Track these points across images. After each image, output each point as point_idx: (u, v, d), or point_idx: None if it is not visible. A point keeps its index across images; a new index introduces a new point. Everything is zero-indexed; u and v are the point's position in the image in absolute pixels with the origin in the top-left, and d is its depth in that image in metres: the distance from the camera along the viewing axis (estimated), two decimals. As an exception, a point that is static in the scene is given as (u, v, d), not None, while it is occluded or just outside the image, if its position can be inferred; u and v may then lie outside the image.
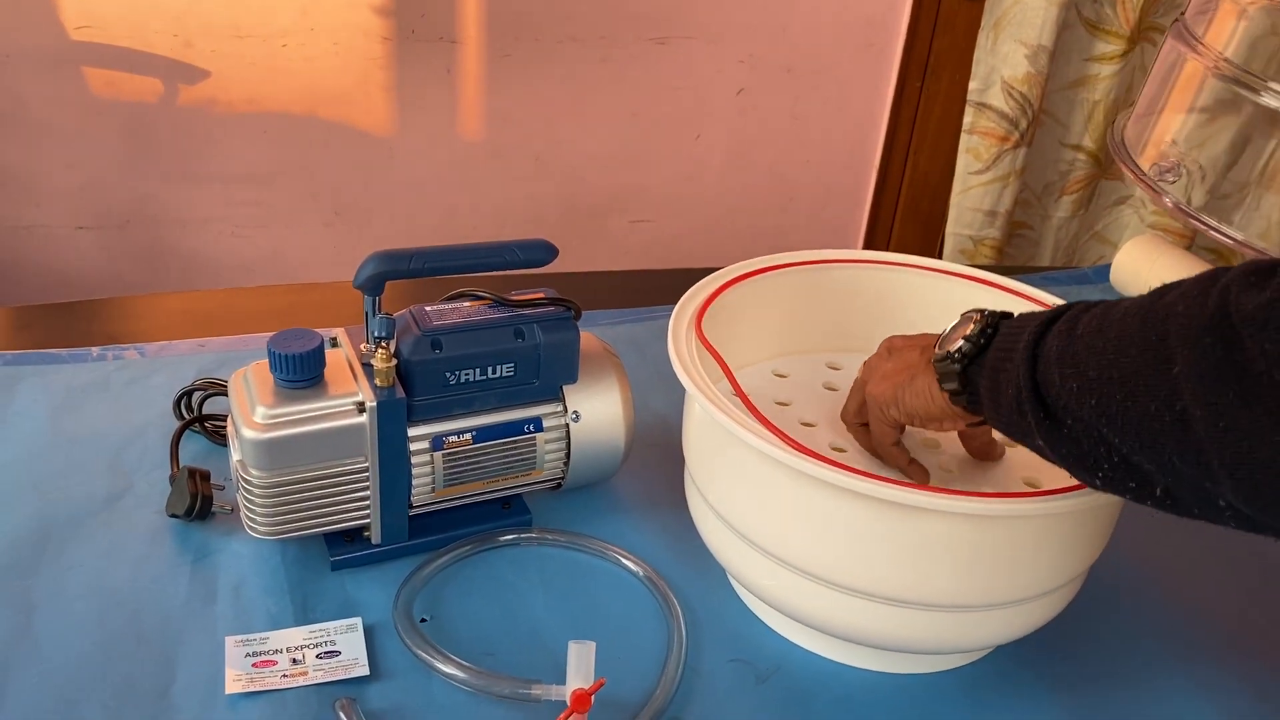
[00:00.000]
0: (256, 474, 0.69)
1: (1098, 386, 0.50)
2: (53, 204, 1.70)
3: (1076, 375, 0.52)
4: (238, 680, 0.66)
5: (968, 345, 0.61)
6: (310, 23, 1.64)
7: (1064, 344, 0.54)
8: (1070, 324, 0.54)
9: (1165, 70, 0.96)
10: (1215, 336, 0.44)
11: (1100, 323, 0.52)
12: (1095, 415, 0.51)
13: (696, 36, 1.80)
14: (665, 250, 1.95)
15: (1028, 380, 0.55)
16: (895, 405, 0.68)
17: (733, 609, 0.75)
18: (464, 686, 0.66)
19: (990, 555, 0.63)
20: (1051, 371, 0.54)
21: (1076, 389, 0.52)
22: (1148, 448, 0.49)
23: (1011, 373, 0.56)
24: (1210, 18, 0.90)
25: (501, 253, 0.73)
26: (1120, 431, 0.50)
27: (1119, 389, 0.49)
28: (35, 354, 0.95)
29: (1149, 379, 0.47)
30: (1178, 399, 0.46)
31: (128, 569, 0.74)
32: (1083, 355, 0.52)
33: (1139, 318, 0.50)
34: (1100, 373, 0.50)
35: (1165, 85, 0.95)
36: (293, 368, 0.69)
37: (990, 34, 1.72)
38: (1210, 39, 0.88)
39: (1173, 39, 0.95)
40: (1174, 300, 0.48)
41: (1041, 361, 0.55)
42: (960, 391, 0.62)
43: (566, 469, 0.79)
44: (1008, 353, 0.58)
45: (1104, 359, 0.50)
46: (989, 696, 0.70)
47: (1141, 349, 0.48)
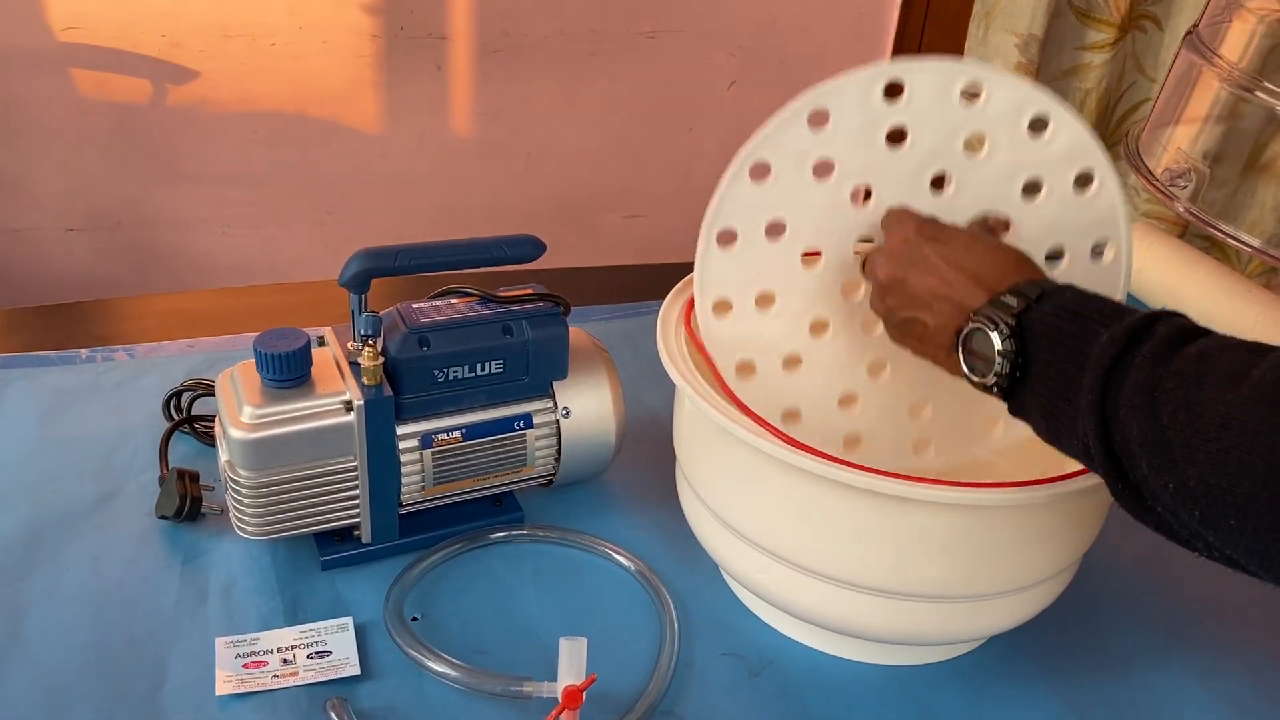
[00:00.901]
0: (245, 474, 0.69)
1: (1203, 502, 0.44)
2: (43, 206, 1.70)
3: (1172, 476, 0.45)
4: (228, 681, 0.66)
5: (1001, 380, 0.55)
6: (299, 21, 1.64)
7: (1147, 430, 0.46)
8: (1147, 398, 0.46)
9: (1179, 81, 0.96)
10: None
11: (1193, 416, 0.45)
12: (1199, 524, 0.45)
13: (687, 30, 1.79)
14: (658, 245, 1.95)
15: (1100, 449, 0.49)
16: (931, 366, 0.62)
17: (725, 603, 0.75)
18: (456, 685, 0.66)
19: (982, 546, 0.63)
20: (1135, 457, 0.47)
21: (1173, 489, 0.46)
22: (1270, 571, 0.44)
23: (1074, 425, 0.50)
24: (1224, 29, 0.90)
25: (489, 249, 0.72)
26: (1232, 545, 0.45)
27: (1233, 515, 0.43)
28: (25, 356, 0.95)
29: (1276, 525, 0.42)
30: None
31: (118, 571, 0.74)
32: (1177, 456, 0.45)
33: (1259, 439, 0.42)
34: (1207, 492, 0.44)
35: (1180, 95, 0.95)
36: (279, 367, 0.68)
37: (981, 24, 1.72)
38: (1225, 50, 0.88)
39: (1186, 50, 0.95)
40: None
41: (1117, 433, 0.48)
42: (1012, 410, 0.56)
43: (557, 465, 0.78)
44: (1062, 392, 0.51)
45: (1210, 475, 0.44)
46: (983, 686, 0.70)
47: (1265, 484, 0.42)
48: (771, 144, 0.69)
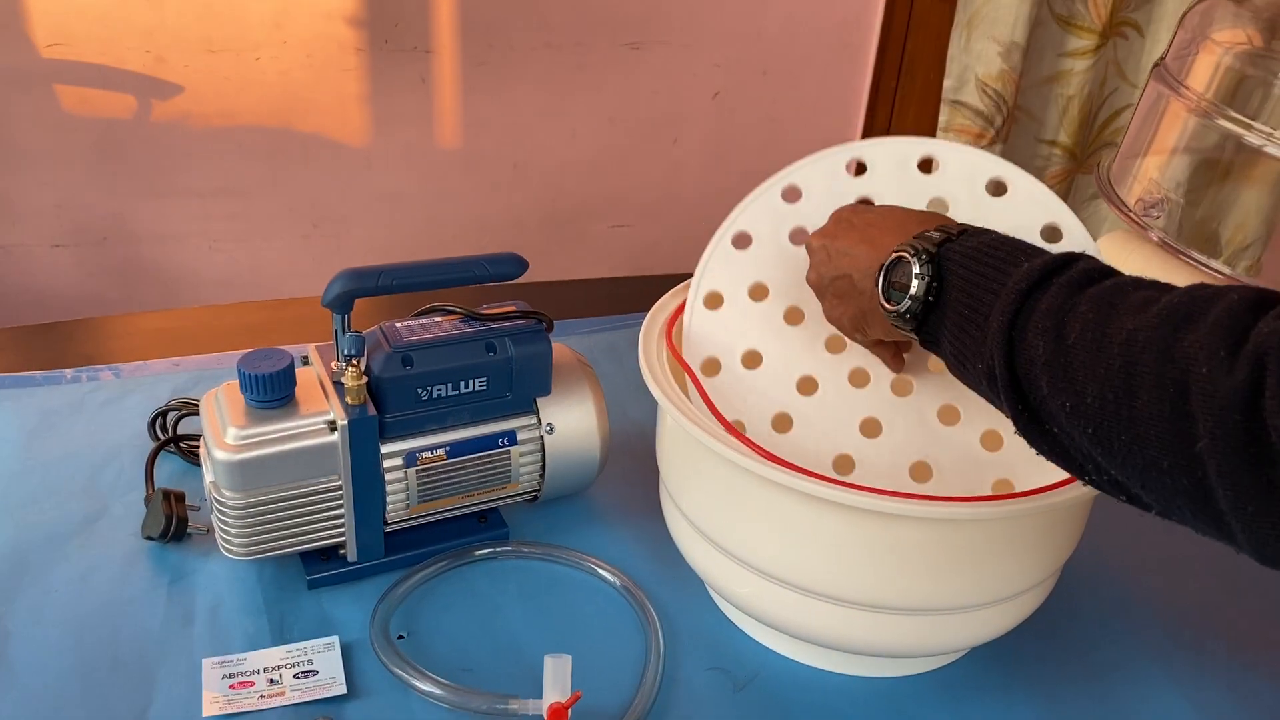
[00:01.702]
0: (230, 495, 0.69)
1: (1097, 417, 0.46)
2: (28, 223, 1.70)
3: (1070, 394, 0.47)
4: (215, 702, 0.66)
5: (915, 305, 0.56)
6: (283, 35, 1.64)
7: (1051, 348, 0.48)
8: (1056, 320, 0.48)
9: (1148, 111, 0.98)
10: (1245, 423, 0.40)
11: (1098, 337, 0.46)
12: (1090, 442, 0.46)
13: (671, 41, 1.80)
14: (645, 255, 1.95)
15: (1004, 370, 0.50)
16: (861, 332, 0.66)
17: (710, 617, 0.75)
18: (442, 703, 0.66)
19: (962, 558, 0.64)
20: (1036, 375, 0.48)
21: (1069, 408, 0.47)
22: (1155, 493, 0.45)
23: (981, 347, 0.51)
24: (1191, 60, 0.92)
25: (471, 267, 0.73)
26: (1121, 468, 0.46)
27: (1124, 431, 0.44)
28: (9, 377, 0.95)
29: (1165, 437, 0.43)
30: (1198, 470, 0.42)
31: (104, 592, 0.74)
32: (1077, 372, 0.46)
33: (1152, 356, 0.44)
34: (1102, 405, 0.45)
35: (1149, 126, 0.97)
36: (263, 388, 0.69)
37: (963, 32, 1.73)
38: (1192, 81, 0.91)
39: (1155, 81, 0.97)
40: (1195, 349, 0.42)
41: (1021, 354, 0.49)
42: (916, 336, 0.58)
43: (542, 481, 0.79)
44: (973, 316, 0.52)
45: (1106, 390, 0.45)
46: (965, 697, 0.70)
47: (1155, 399, 0.43)
48: (750, 215, 0.74)
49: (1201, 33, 0.94)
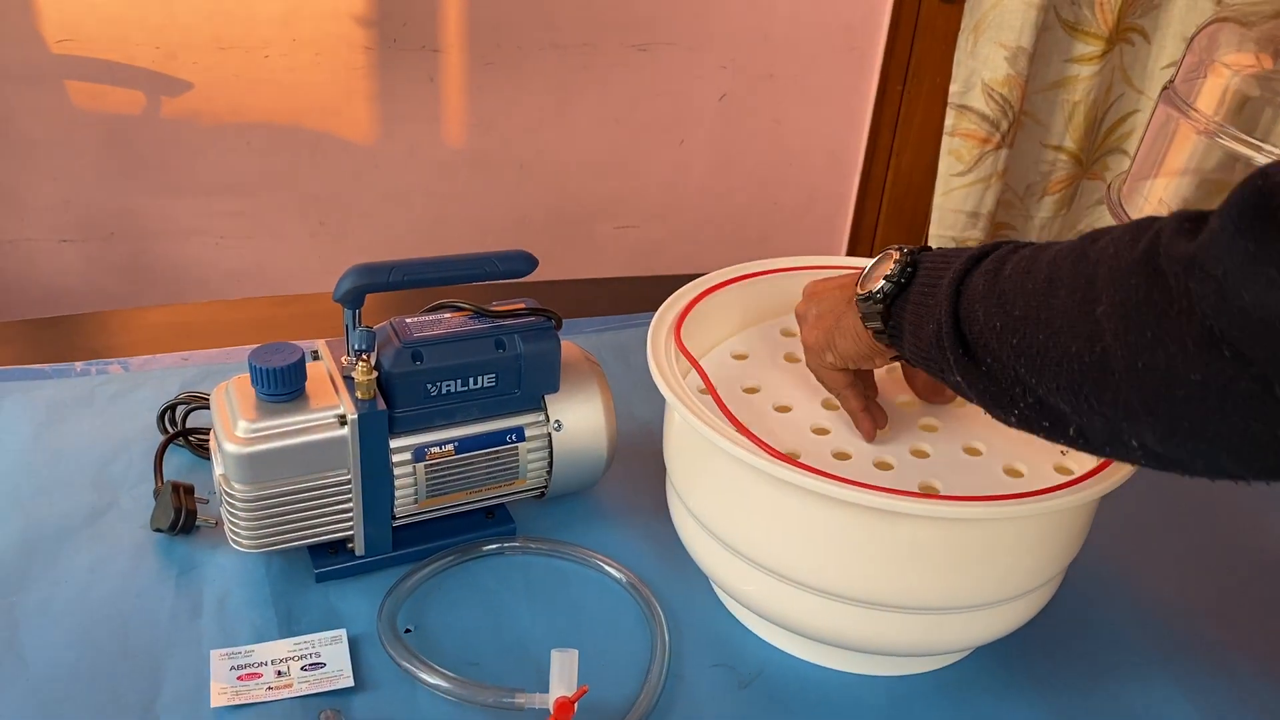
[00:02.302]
0: (239, 488, 0.69)
1: (1021, 326, 0.51)
2: (36, 217, 1.70)
3: (1000, 314, 0.52)
4: (223, 693, 0.66)
5: (889, 284, 0.61)
6: (292, 33, 1.65)
7: (989, 282, 0.54)
8: (998, 262, 0.54)
9: (1157, 133, 1.00)
10: (1141, 277, 0.45)
11: (1029, 264, 0.52)
12: (1014, 355, 0.51)
13: (678, 43, 1.81)
14: (650, 255, 1.96)
15: (949, 317, 0.55)
16: (829, 350, 0.68)
17: (715, 614, 0.75)
18: (448, 696, 0.67)
19: (968, 558, 0.64)
20: (975, 308, 0.54)
21: (999, 327, 0.52)
22: (1065, 389, 0.49)
23: (933, 309, 0.57)
24: (1200, 83, 0.94)
25: (481, 264, 0.73)
26: (1038, 372, 0.50)
27: (1042, 329, 0.50)
28: (19, 370, 0.95)
29: (1073, 320, 0.48)
30: (1099, 340, 0.46)
31: (113, 584, 0.74)
32: (1009, 295, 0.52)
33: (1070, 260, 0.50)
34: (1025, 313, 0.51)
35: (1159, 147, 0.99)
36: (274, 381, 0.69)
37: (970, 37, 1.73)
38: (1200, 103, 0.93)
39: (1164, 104, 0.99)
40: (1105, 244, 0.48)
41: (965, 298, 0.55)
42: (883, 330, 0.62)
43: (549, 478, 0.79)
44: (930, 288, 0.58)
45: (1030, 300, 0.51)
46: (969, 697, 0.71)
47: (1070, 290, 0.49)
48: (750, 340, 0.81)
49: (1209, 56, 0.95)
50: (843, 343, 0.67)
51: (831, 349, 0.68)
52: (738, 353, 0.81)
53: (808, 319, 0.71)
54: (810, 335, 0.70)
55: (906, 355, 0.62)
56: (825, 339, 0.68)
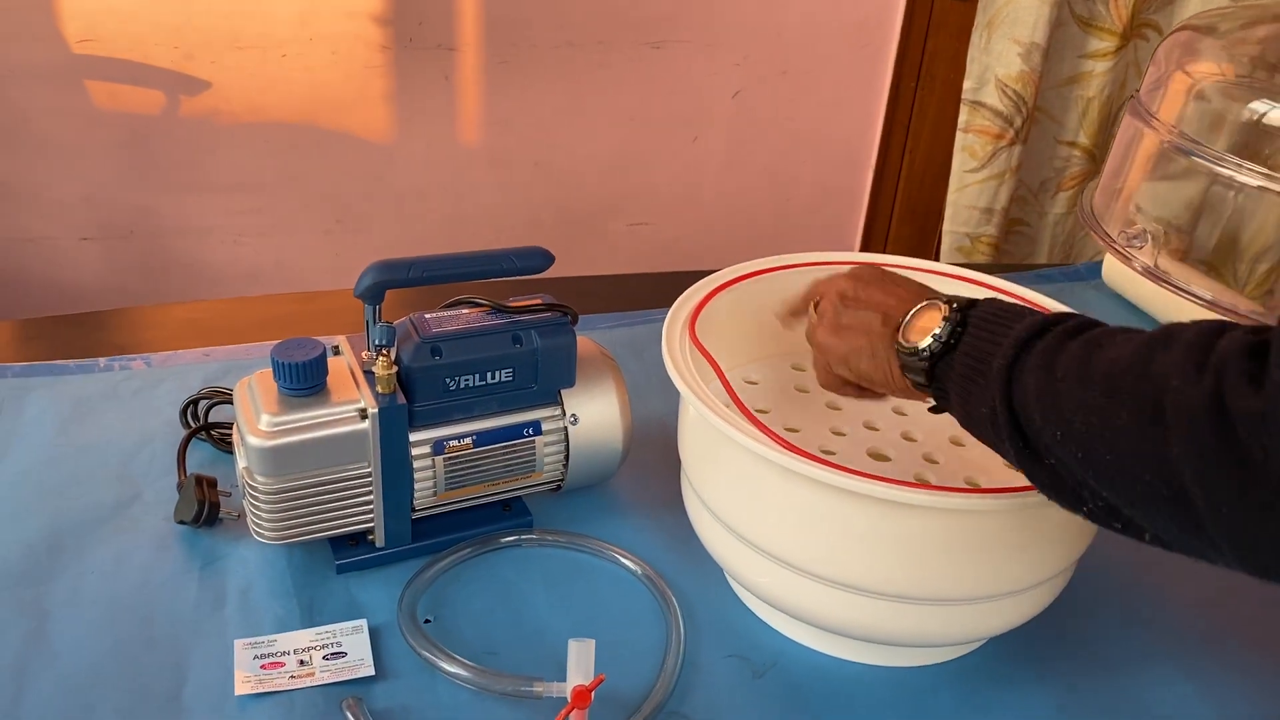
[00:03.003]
0: (262, 480, 0.71)
1: (1084, 441, 0.49)
2: (57, 216, 1.72)
3: (1059, 422, 0.50)
4: (247, 682, 0.68)
5: (936, 345, 0.59)
6: (309, 33, 1.66)
7: (1042, 383, 0.52)
8: (1048, 357, 0.52)
9: (1125, 144, 1.01)
10: (1212, 425, 0.43)
11: (1083, 369, 0.50)
12: (1080, 466, 0.50)
13: (692, 41, 1.81)
14: (664, 253, 1.96)
15: (1003, 409, 0.53)
16: (845, 365, 0.67)
17: (729, 606, 0.76)
18: (467, 685, 0.68)
19: (979, 549, 0.65)
20: (1030, 409, 0.52)
21: (1060, 436, 0.50)
22: (1139, 508, 0.48)
23: (985, 391, 0.55)
24: (1163, 94, 0.95)
25: (499, 260, 0.74)
26: (1109, 487, 0.49)
27: (1108, 450, 0.48)
28: (44, 365, 0.97)
29: (1142, 450, 0.46)
30: (1175, 477, 0.45)
31: (138, 575, 0.76)
32: (1065, 404, 0.50)
33: (1131, 377, 0.48)
34: (1087, 429, 0.49)
35: (1126, 158, 1.00)
36: (296, 376, 0.70)
37: (983, 33, 1.74)
38: (1163, 114, 0.94)
39: (1130, 115, 1.01)
40: (1168, 369, 0.46)
41: (1017, 391, 0.53)
42: (926, 384, 0.61)
43: (565, 471, 0.80)
44: (979, 364, 0.56)
45: (1091, 416, 0.49)
46: (981, 688, 0.71)
47: (1133, 416, 0.47)
48: (762, 370, 0.85)
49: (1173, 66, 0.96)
50: (869, 369, 0.65)
51: (848, 366, 0.67)
52: (750, 379, 0.83)
53: (837, 322, 0.68)
54: (830, 341, 0.68)
55: (956, 418, 0.60)
56: (846, 354, 0.66)
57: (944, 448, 0.77)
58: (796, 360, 0.87)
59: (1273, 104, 0.87)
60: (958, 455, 0.77)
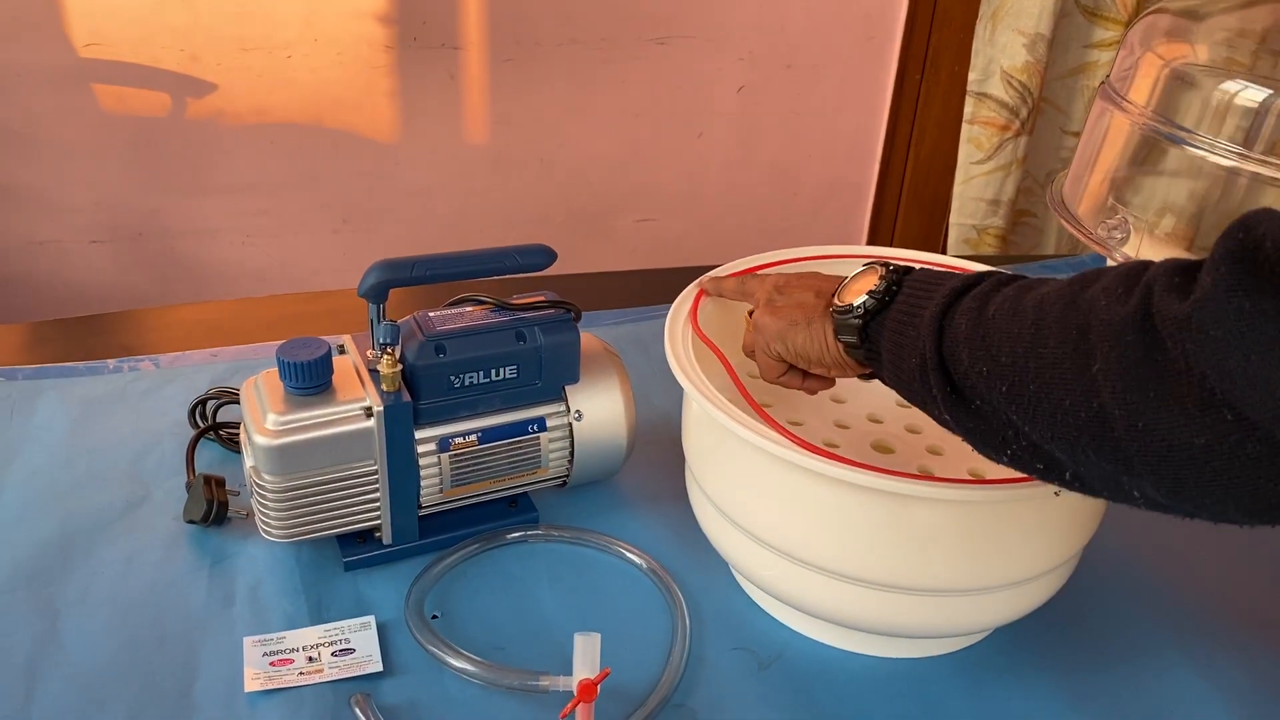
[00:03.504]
0: (270, 479, 0.71)
1: (1010, 374, 0.49)
2: (66, 219, 1.73)
3: (987, 359, 0.51)
4: (256, 678, 0.68)
5: (871, 301, 0.60)
6: (314, 34, 1.67)
7: (973, 322, 0.52)
8: (981, 300, 0.53)
9: (1095, 130, 1.01)
10: (1137, 336, 0.44)
11: (1014, 306, 0.51)
12: (1005, 401, 0.50)
13: (696, 36, 1.81)
14: (670, 248, 1.97)
15: (933, 354, 0.54)
16: (782, 341, 0.68)
17: (734, 599, 0.77)
18: (475, 680, 0.68)
19: (984, 541, 0.65)
20: (959, 349, 0.53)
21: (986, 373, 0.51)
22: (1060, 439, 0.48)
23: (916, 341, 0.55)
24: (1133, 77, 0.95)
25: (502, 258, 0.75)
26: (1031, 421, 0.49)
27: (1033, 380, 0.48)
28: (54, 368, 0.98)
29: (1066, 374, 0.47)
30: (1095, 396, 0.45)
31: (148, 574, 0.76)
32: (995, 339, 0.51)
33: (1059, 307, 0.48)
34: (1014, 360, 0.49)
35: (1094, 143, 1.00)
36: (302, 375, 0.71)
37: (988, 24, 1.73)
38: (1135, 96, 0.94)
39: (1101, 100, 1.01)
40: (1096, 295, 0.47)
41: (948, 335, 0.54)
42: (858, 346, 0.62)
43: (571, 467, 0.81)
44: (911, 318, 0.57)
45: (1018, 347, 0.49)
46: (987, 678, 0.72)
47: (1060, 342, 0.47)
48: None
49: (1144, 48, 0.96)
50: (804, 344, 0.66)
51: (784, 341, 0.68)
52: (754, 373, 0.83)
53: (771, 303, 0.69)
54: (766, 319, 0.69)
55: (886, 380, 0.61)
56: (781, 330, 0.68)
57: (947, 439, 0.77)
58: None
59: (1246, 84, 0.86)
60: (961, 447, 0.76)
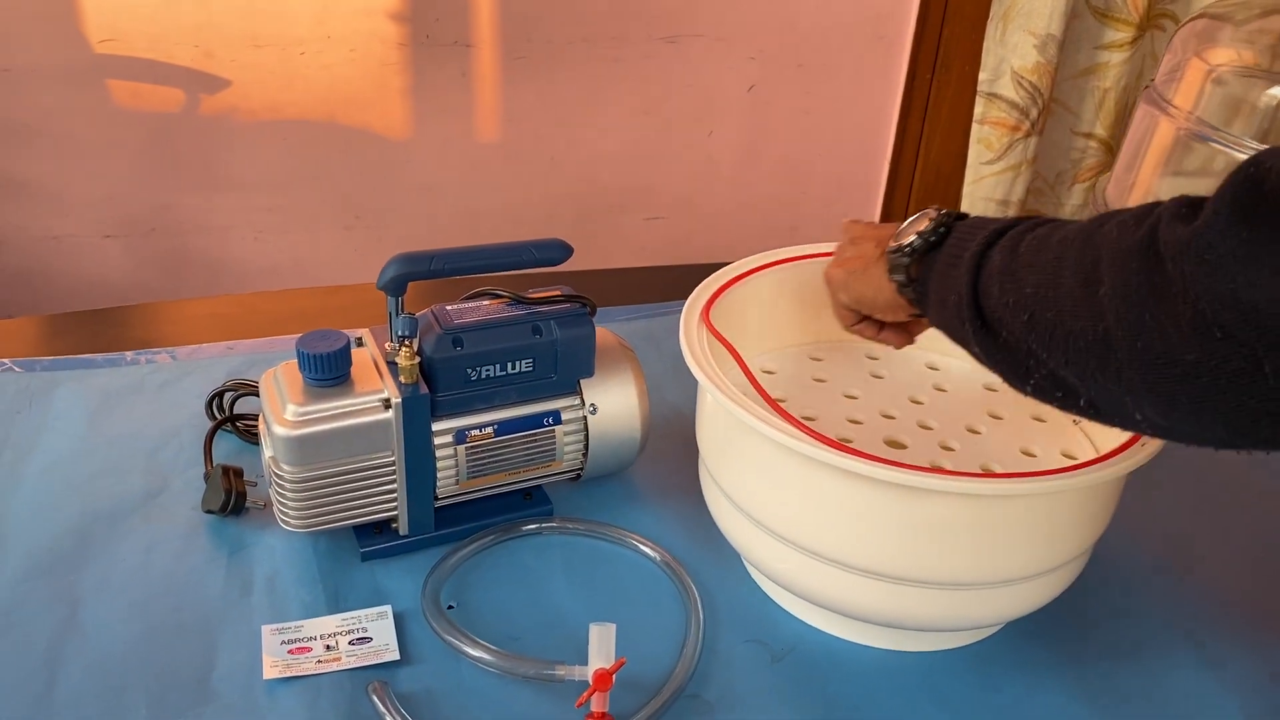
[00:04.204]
0: (288, 469, 0.72)
1: (1031, 304, 0.53)
2: (80, 214, 1.75)
3: (1014, 290, 0.54)
4: (275, 666, 0.69)
5: (919, 241, 0.63)
6: (327, 31, 1.67)
7: (1006, 259, 0.56)
8: (1016, 239, 0.56)
9: (1140, 133, 1.02)
10: (1140, 261, 0.47)
11: (1042, 243, 0.54)
12: (1026, 330, 0.53)
13: (706, 35, 1.82)
14: (679, 246, 1.97)
15: (969, 289, 0.57)
16: (845, 289, 0.72)
17: (748, 592, 0.77)
18: (491, 669, 0.69)
19: (997, 534, 0.65)
20: (992, 283, 0.56)
21: (1011, 304, 0.54)
22: (1073, 364, 0.51)
23: (956, 279, 0.58)
24: (1178, 81, 0.95)
25: (518, 252, 0.75)
26: (1048, 348, 0.52)
27: (1050, 307, 0.52)
28: (72, 359, 0.98)
29: (1078, 300, 0.50)
30: (1101, 319, 0.48)
31: (167, 563, 0.77)
32: (1022, 272, 0.54)
33: (1078, 241, 0.52)
34: (1035, 290, 0.53)
35: (1141, 147, 1.01)
36: (321, 367, 0.72)
37: (999, 25, 1.74)
38: (1180, 101, 0.95)
39: (1145, 104, 1.01)
40: (1110, 228, 0.50)
41: (984, 272, 0.57)
42: (907, 284, 0.65)
43: (585, 460, 0.81)
44: (955, 258, 0.60)
45: (1040, 278, 0.53)
46: (998, 672, 0.72)
47: (1075, 271, 0.51)
48: (781, 360, 0.86)
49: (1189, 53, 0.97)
50: (861, 287, 0.70)
51: (847, 288, 0.72)
52: (767, 369, 0.84)
53: (840, 254, 0.74)
54: (834, 271, 0.73)
55: (930, 317, 0.64)
56: (845, 278, 0.72)
57: (960, 435, 0.78)
58: (813, 351, 0.88)
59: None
60: (973, 442, 0.77)
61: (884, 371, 0.86)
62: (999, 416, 0.80)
